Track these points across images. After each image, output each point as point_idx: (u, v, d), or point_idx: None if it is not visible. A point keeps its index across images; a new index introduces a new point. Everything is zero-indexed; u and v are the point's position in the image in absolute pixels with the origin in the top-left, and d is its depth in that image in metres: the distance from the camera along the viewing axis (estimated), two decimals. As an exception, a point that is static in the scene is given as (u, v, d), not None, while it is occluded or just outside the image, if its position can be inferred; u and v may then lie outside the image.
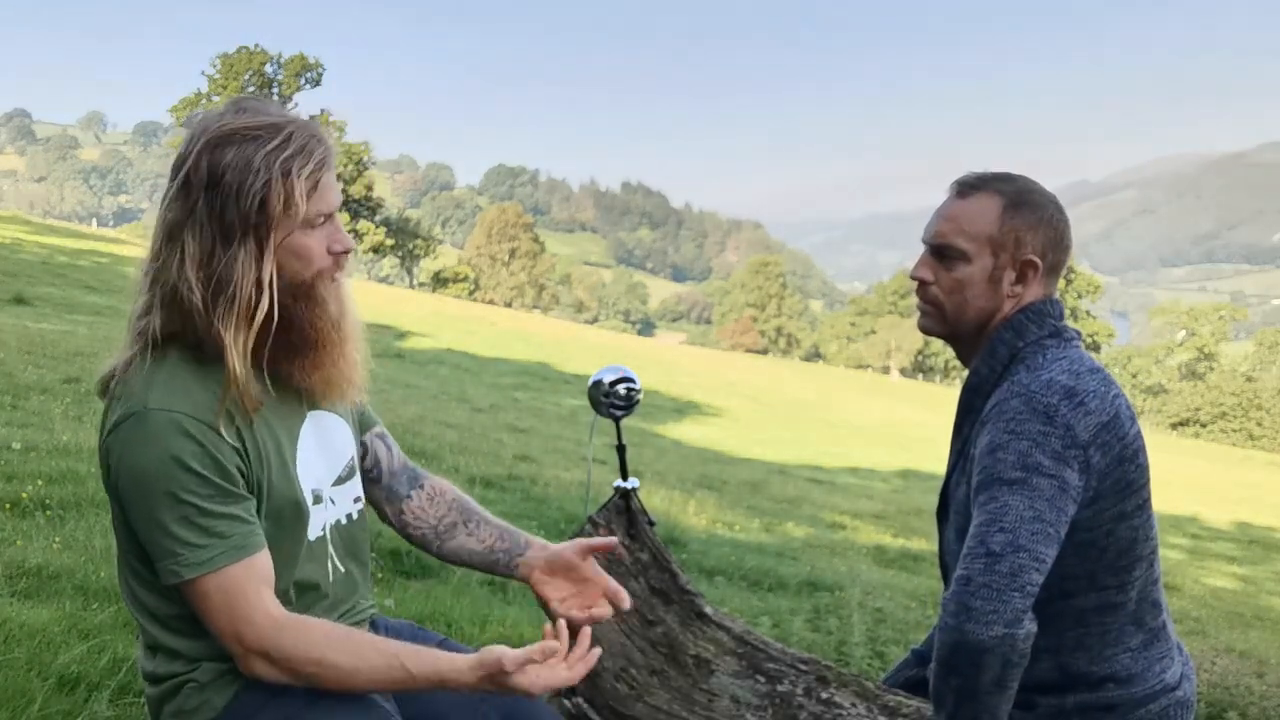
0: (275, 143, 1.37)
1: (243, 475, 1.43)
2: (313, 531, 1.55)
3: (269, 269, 1.40)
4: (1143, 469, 1.64)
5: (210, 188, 1.36)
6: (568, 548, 1.68)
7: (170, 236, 1.40)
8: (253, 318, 1.40)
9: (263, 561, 1.42)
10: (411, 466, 1.78)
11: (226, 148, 1.37)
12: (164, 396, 1.38)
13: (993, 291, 1.71)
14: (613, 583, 1.66)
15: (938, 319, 1.77)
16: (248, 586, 1.39)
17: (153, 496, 1.37)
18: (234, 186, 1.36)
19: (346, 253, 1.48)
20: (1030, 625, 1.49)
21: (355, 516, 1.64)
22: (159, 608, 1.46)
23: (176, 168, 1.41)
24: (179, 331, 1.42)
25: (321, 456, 1.58)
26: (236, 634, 1.39)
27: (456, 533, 1.73)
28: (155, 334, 1.42)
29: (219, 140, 1.38)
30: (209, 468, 1.38)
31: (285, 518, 1.49)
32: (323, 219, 1.44)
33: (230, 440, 1.41)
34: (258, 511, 1.45)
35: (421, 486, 1.76)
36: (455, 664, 1.41)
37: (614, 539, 1.71)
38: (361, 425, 1.72)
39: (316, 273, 1.45)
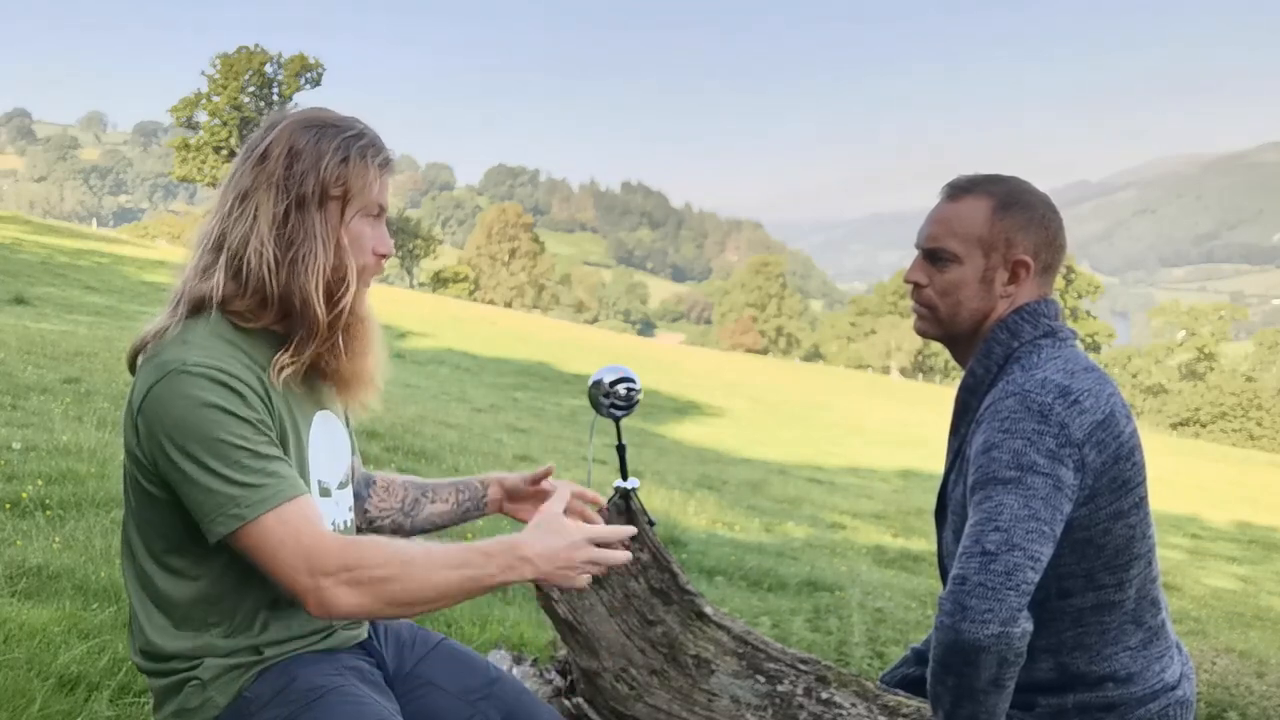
0: (352, 132, 1.51)
1: (276, 433, 1.46)
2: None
3: (344, 237, 1.48)
4: (1139, 467, 1.64)
5: (290, 158, 1.45)
6: (518, 480, 1.87)
7: (242, 200, 1.46)
8: (321, 277, 1.46)
9: (310, 501, 1.42)
10: (364, 471, 1.85)
11: (308, 129, 1.48)
12: (201, 356, 1.40)
13: (985, 292, 1.72)
14: (574, 486, 1.78)
15: (933, 321, 1.78)
16: (309, 517, 1.39)
17: (201, 446, 1.36)
18: (313, 158, 1.46)
19: (386, 256, 1.55)
20: (1026, 624, 1.49)
21: (350, 523, 1.65)
22: (171, 595, 1.46)
23: (251, 146, 1.49)
24: (231, 296, 1.46)
25: (328, 455, 1.60)
26: (310, 562, 1.35)
27: (422, 505, 1.85)
28: (210, 297, 1.46)
29: (302, 124, 1.48)
30: (249, 414, 1.40)
31: None
32: (379, 212, 1.53)
33: (261, 398, 1.44)
34: None
35: (373, 483, 1.85)
36: (521, 533, 1.44)
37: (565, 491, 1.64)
38: None
39: (362, 266, 1.51)
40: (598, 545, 1.44)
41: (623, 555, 1.46)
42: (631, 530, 1.51)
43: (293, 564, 1.35)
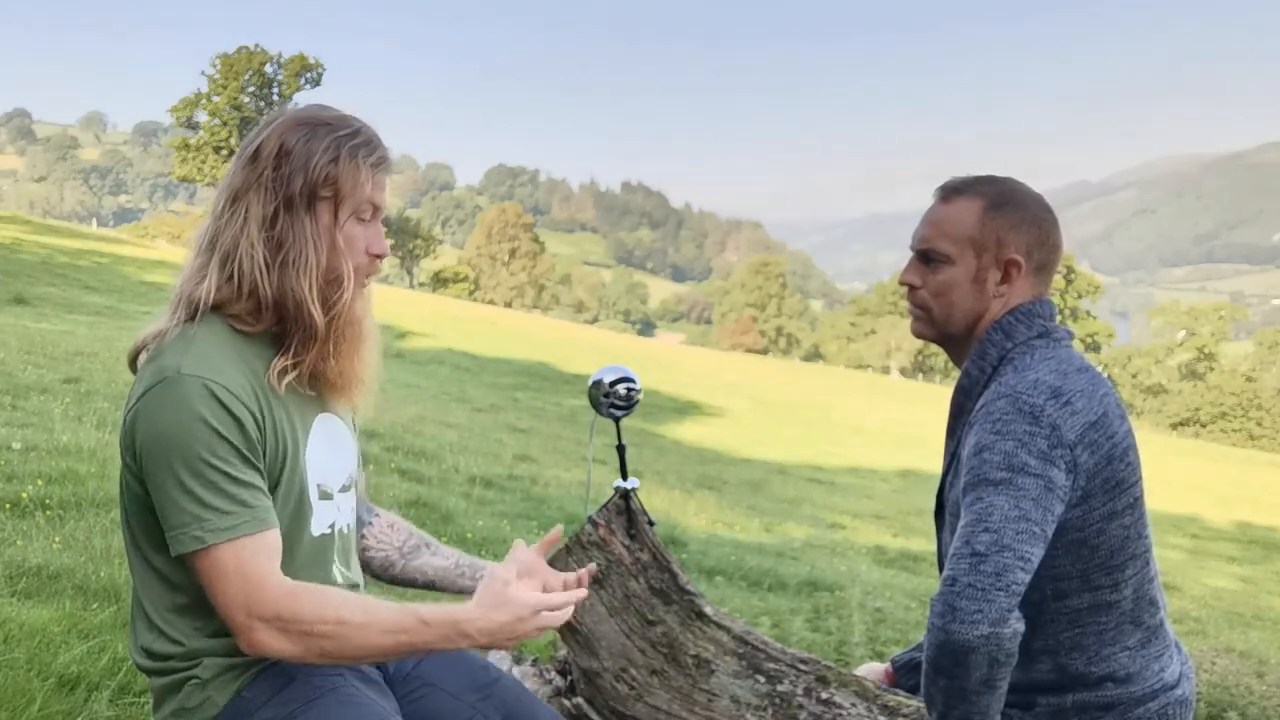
0: (346, 131, 1.47)
1: (262, 450, 1.44)
2: (317, 527, 1.55)
3: (338, 238, 1.47)
4: (1133, 467, 1.64)
5: (279, 158, 1.44)
6: (527, 556, 1.63)
7: (233, 201, 1.46)
8: (315, 279, 1.45)
9: (276, 537, 1.43)
10: (366, 501, 1.81)
11: (300, 128, 1.46)
12: (196, 364, 1.40)
13: (978, 292, 1.72)
14: (523, 549, 1.60)
15: (927, 323, 1.79)
16: (262, 557, 1.40)
17: (180, 459, 1.37)
18: (303, 159, 1.44)
19: (381, 257, 1.54)
20: (1017, 624, 1.49)
21: (352, 526, 1.66)
22: (171, 594, 1.46)
23: (246, 145, 1.48)
24: (228, 299, 1.46)
25: (331, 458, 1.59)
26: (248, 602, 1.37)
27: (421, 553, 1.77)
28: (203, 300, 1.45)
29: (294, 123, 1.47)
30: (236, 436, 1.40)
31: (291, 504, 1.50)
32: (371, 213, 1.51)
33: (254, 413, 1.43)
34: (271, 491, 1.47)
35: (379, 516, 1.80)
36: (464, 606, 1.41)
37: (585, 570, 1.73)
38: None
39: (354, 266, 1.50)
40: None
41: (568, 612, 1.44)
42: (583, 594, 1.50)
43: (232, 599, 1.37)
